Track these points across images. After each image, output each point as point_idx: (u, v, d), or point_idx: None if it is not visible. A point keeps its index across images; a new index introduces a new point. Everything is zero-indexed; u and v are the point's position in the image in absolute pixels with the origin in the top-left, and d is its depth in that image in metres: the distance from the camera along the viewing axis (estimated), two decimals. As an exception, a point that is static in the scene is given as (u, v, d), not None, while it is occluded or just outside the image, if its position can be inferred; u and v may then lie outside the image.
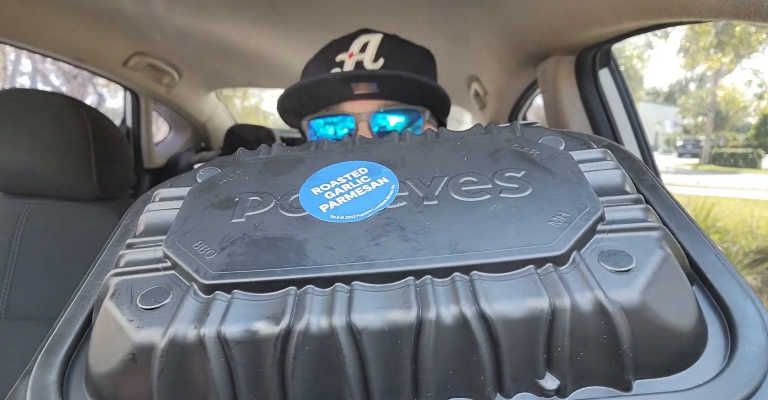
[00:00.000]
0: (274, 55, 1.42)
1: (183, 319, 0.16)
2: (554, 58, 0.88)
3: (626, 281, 0.15)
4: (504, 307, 0.15)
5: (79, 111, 0.81)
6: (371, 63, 0.44)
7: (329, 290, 0.16)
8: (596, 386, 0.15)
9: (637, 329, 0.14)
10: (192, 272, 0.17)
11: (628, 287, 0.14)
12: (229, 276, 0.17)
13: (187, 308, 0.16)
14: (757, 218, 3.86)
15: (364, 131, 0.44)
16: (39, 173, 0.79)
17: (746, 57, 9.60)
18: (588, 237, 0.16)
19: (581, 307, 0.14)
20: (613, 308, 0.14)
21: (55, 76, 6.73)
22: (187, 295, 0.17)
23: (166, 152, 1.87)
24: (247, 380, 0.16)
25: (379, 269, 0.16)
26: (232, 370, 0.15)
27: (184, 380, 0.16)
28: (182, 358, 0.16)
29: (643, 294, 0.14)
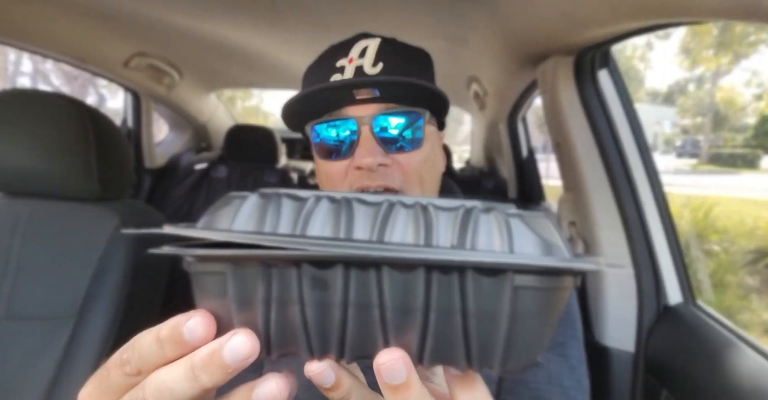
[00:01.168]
0: (275, 55, 1.42)
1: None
2: (553, 58, 0.89)
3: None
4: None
5: (79, 111, 0.81)
6: (371, 67, 0.45)
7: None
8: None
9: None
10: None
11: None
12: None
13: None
14: (755, 218, 3.87)
15: (366, 134, 0.45)
16: (40, 173, 0.79)
17: (745, 57, 9.63)
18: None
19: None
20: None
21: (55, 76, 6.73)
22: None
23: (167, 152, 1.88)
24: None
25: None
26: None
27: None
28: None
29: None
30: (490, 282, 0.17)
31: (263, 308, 0.19)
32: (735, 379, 0.60)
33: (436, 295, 0.18)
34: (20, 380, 0.77)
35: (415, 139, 0.46)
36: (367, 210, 0.19)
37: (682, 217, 3.47)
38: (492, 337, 0.18)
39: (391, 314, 0.18)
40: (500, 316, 0.17)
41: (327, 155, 0.48)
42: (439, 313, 0.18)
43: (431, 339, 0.18)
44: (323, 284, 0.18)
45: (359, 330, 0.18)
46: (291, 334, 0.19)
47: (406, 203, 0.19)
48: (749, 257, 3.16)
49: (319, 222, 0.18)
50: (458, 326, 0.18)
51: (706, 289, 2.68)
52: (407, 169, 0.46)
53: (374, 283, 0.18)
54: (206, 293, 0.19)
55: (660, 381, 0.76)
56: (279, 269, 0.18)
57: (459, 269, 0.17)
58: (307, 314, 0.18)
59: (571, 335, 0.49)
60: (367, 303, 0.18)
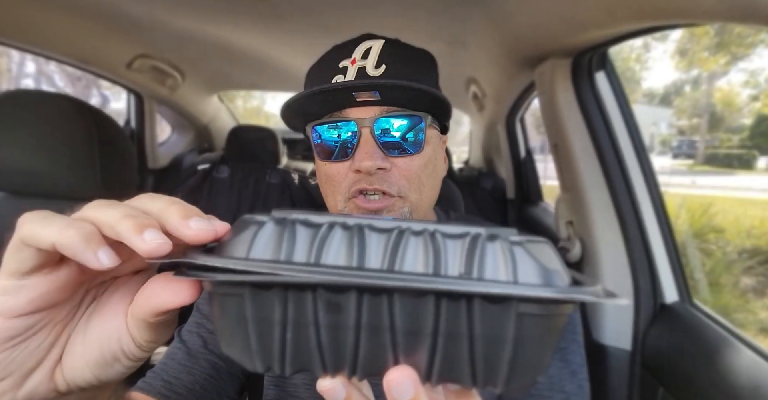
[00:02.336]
0: (276, 57, 1.43)
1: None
2: (551, 60, 0.90)
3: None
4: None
5: (83, 112, 0.82)
6: (373, 69, 0.44)
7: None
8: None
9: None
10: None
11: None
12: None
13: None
14: (751, 218, 3.89)
15: (367, 136, 0.45)
16: (43, 173, 0.79)
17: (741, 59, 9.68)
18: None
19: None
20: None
21: (59, 77, 6.72)
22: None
23: (170, 153, 1.88)
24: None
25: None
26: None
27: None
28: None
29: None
30: (496, 309, 0.18)
31: (279, 329, 0.20)
32: (731, 376, 0.61)
33: (444, 320, 0.19)
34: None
35: (416, 142, 0.46)
36: (378, 237, 0.20)
37: (678, 217, 3.49)
38: (497, 359, 0.19)
39: (402, 337, 0.19)
40: (505, 340, 0.19)
41: (327, 156, 0.48)
42: (448, 337, 0.19)
43: (439, 360, 0.19)
44: (337, 308, 0.19)
45: (371, 351, 0.19)
46: (306, 353, 0.20)
47: (415, 230, 0.20)
48: (745, 256, 3.18)
49: (333, 250, 0.19)
50: (465, 349, 0.19)
51: (702, 288, 2.69)
52: (407, 173, 0.46)
53: (386, 308, 0.19)
54: (225, 313, 0.20)
55: (657, 379, 0.76)
56: (295, 293, 0.19)
57: (467, 296, 0.18)
58: (321, 335, 0.19)
59: (572, 339, 0.49)
60: (379, 326, 0.19)
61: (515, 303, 0.18)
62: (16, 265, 0.19)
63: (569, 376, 0.46)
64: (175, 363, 0.47)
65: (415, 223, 0.20)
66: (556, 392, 0.45)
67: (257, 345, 0.20)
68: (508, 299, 0.18)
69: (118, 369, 0.23)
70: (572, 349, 0.48)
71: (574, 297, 0.18)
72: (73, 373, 0.22)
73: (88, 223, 0.19)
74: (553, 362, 0.47)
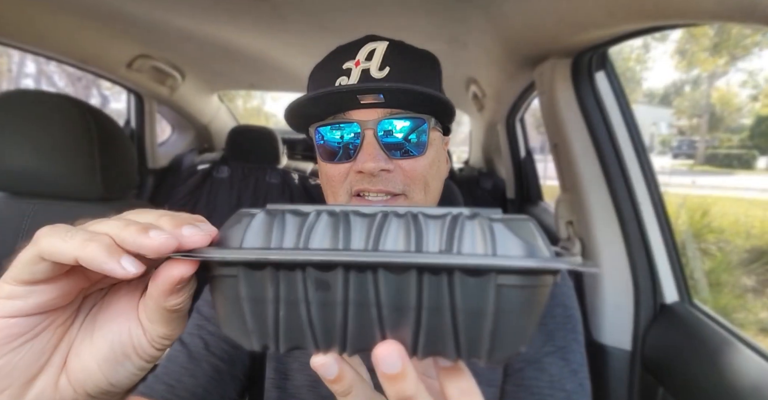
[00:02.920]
0: (276, 58, 1.43)
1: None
2: (551, 60, 0.90)
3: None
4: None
5: (83, 112, 0.82)
6: (377, 71, 0.44)
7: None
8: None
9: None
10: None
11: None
12: None
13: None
14: (751, 218, 3.90)
15: (370, 138, 0.45)
16: (43, 174, 0.79)
17: (741, 59, 9.68)
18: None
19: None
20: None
21: (59, 77, 6.73)
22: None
23: (170, 153, 1.88)
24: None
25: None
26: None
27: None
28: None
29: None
30: (475, 282, 0.19)
31: (273, 307, 0.21)
32: (731, 376, 0.61)
33: (427, 294, 0.19)
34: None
35: (419, 143, 0.46)
36: (363, 221, 0.20)
37: (678, 216, 3.49)
38: (479, 331, 0.20)
39: (387, 311, 0.20)
40: (486, 312, 0.19)
41: (330, 158, 0.47)
42: (431, 310, 0.20)
43: (424, 334, 0.20)
44: (326, 285, 0.20)
45: (359, 326, 0.20)
46: (298, 330, 0.21)
47: (398, 213, 0.21)
48: (745, 256, 3.18)
49: (320, 234, 0.20)
50: (448, 322, 0.20)
51: (702, 288, 2.69)
52: (411, 174, 0.46)
53: (371, 284, 0.20)
54: (222, 294, 0.21)
55: (657, 379, 0.76)
56: (286, 272, 0.20)
57: (447, 270, 0.19)
58: (312, 312, 0.20)
59: (572, 338, 0.49)
60: (366, 302, 0.20)
61: (494, 275, 0.19)
62: (28, 275, 0.20)
63: (570, 375, 0.47)
64: (176, 366, 0.47)
65: (399, 207, 0.21)
66: (557, 390, 0.45)
67: (253, 324, 0.21)
68: (487, 272, 0.19)
69: (129, 369, 0.23)
70: (573, 348, 0.48)
71: (548, 265, 0.18)
72: (82, 375, 0.22)
73: (104, 235, 0.20)
74: (554, 361, 0.47)
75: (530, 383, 0.46)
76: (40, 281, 0.20)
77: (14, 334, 0.20)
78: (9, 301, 0.20)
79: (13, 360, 0.21)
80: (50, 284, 0.21)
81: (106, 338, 0.23)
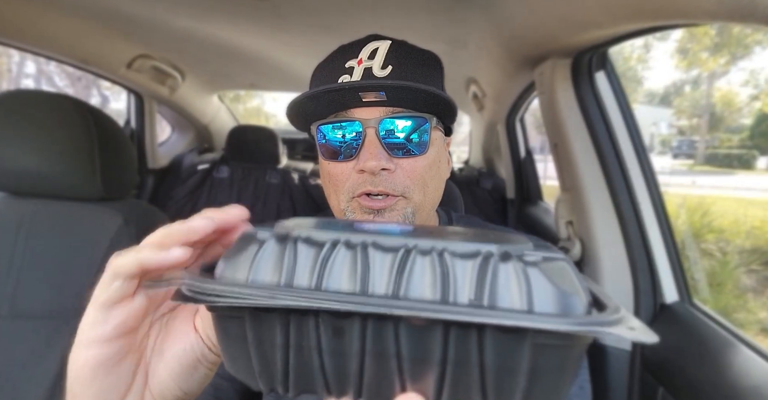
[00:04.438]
0: (276, 57, 1.43)
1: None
2: (551, 60, 0.90)
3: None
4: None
5: (83, 112, 0.82)
6: (379, 70, 0.44)
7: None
8: None
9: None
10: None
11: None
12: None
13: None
14: (751, 218, 3.90)
15: (371, 137, 0.45)
16: (43, 174, 0.79)
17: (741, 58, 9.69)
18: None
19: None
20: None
21: (59, 78, 6.74)
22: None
23: (170, 153, 1.88)
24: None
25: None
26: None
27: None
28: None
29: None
30: (508, 339, 0.17)
31: (282, 352, 0.19)
32: (731, 376, 0.61)
33: (453, 349, 0.18)
34: (24, 378, 0.77)
35: (421, 143, 0.46)
36: (383, 258, 0.19)
37: (678, 216, 3.49)
38: (510, 391, 0.18)
39: (408, 364, 0.18)
40: (519, 371, 0.17)
41: (331, 156, 0.47)
42: (457, 366, 0.18)
43: (448, 388, 0.18)
44: (340, 333, 0.18)
45: (376, 376, 0.19)
46: (309, 376, 0.19)
47: (423, 249, 0.19)
48: (745, 256, 3.18)
49: (336, 272, 0.18)
50: (476, 379, 0.18)
51: (702, 288, 2.69)
52: (412, 174, 0.46)
53: (391, 335, 0.18)
54: (226, 333, 0.20)
55: (657, 379, 0.76)
56: (297, 317, 0.19)
57: (478, 326, 0.17)
58: (324, 360, 0.19)
59: None
60: (384, 353, 0.18)
61: (530, 334, 0.17)
62: (106, 295, 0.23)
63: None
64: None
65: (422, 240, 0.19)
66: None
67: (259, 367, 0.20)
68: (523, 331, 0.17)
69: (199, 376, 0.27)
70: None
71: (593, 330, 0.16)
72: (161, 388, 0.26)
73: (153, 236, 0.24)
74: None
75: None
76: (115, 301, 0.24)
77: (104, 360, 0.24)
78: (94, 326, 0.24)
79: (106, 383, 0.24)
80: (122, 306, 0.24)
81: (174, 357, 0.27)
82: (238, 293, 0.18)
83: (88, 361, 0.24)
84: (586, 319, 0.16)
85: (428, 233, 0.21)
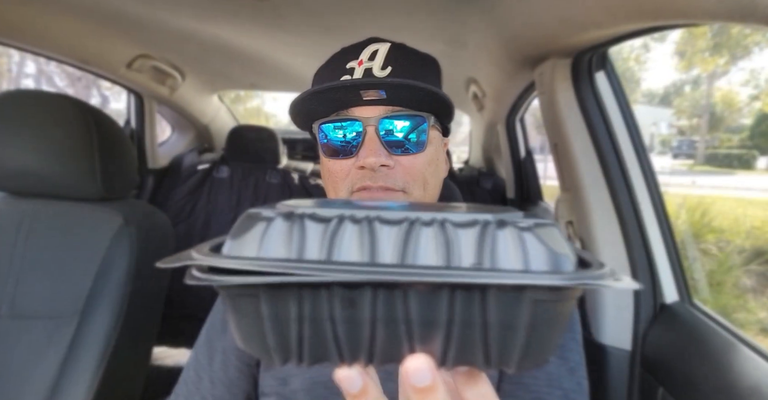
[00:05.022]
0: (276, 58, 1.43)
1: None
2: (551, 60, 0.90)
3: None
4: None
5: (83, 112, 0.82)
6: (379, 70, 0.46)
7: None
8: None
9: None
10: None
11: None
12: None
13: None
14: (751, 218, 3.90)
15: (371, 135, 0.46)
16: (43, 174, 0.79)
17: (741, 59, 9.69)
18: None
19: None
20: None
21: (59, 78, 6.75)
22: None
23: (170, 153, 1.88)
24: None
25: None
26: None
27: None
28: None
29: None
30: (509, 298, 0.19)
31: (296, 326, 0.20)
32: (731, 377, 0.61)
33: (459, 310, 0.19)
34: (24, 377, 0.77)
35: (419, 142, 0.47)
36: (389, 230, 0.20)
37: (678, 216, 3.49)
38: (510, 344, 0.19)
39: (417, 327, 0.19)
40: (518, 326, 0.19)
41: (332, 154, 0.49)
42: (462, 324, 0.19)
43: (454, 347, 0.20)
44: (352, 304, 0.19)
45: (387, 341, 0.20)
46: (323, 346, 0.20)
47: (424, 221, 0.20)
48: (745, 256, 3.18)
49: (345, 245, 0.19)
50: (479, 336, 0.19)
51: (702, 288, 2.69)
52: (411, 171, 0.47)
53: (400, 302, 0.19)
54: (239, 311, 0.21)
55: (657, 379, 0.76)
56: (310, 291, 0.19)
57: (481, 287, 0.19)
58: (338, 330, 0.20)
59: (570, 337, 0.49)
60: (394, 319, 0.19)
61: (529, 291, 0.18)
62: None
63: (568, 373, 0.47)
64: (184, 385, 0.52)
65: (423, 212, 0.20)
66: (555, 388, 0.46)
67: (274, 342, 0.20)
68: (522, 288, 0.18)
69: None
70: (570, 346, 0.49)
71: (586, 283, 0.18)
72: None
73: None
74: (552, 359, 0.47)
75: (528, 381, 0.46)
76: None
77: None
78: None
79: None
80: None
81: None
82: (251, 264, 0.18)
83: None
84: (577, 274, 0.18)
85: (426, 207, 0.23)
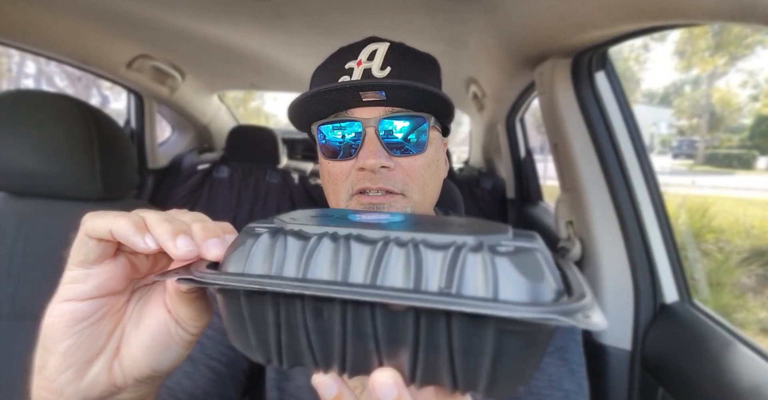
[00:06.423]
0: (276, 58, 1.43)
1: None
2: (551, 60, 0.90)
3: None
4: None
5: (83, 112, 0.82)
6: (379, 71, 0.45)
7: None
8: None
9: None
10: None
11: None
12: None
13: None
14: (751, 218, 3.90)
15: (371, 136, 0.45)
16: (44, 174, 0.79)
17: (741, 59, 9.69)
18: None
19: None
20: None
21: (59, 78, 6.75)
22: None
23: (170, 153, 1.88)
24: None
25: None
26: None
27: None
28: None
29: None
30: (474, 325, 0.18)
31: (274, 329, 0.22)
32: (731, 376, 0.61)
33: (424, 333, 0.19)
34: (24, 378, 0.77)
35: (419, 143, 0.46)
36: (363, 249, 0.20)
37: (678, 216, 3.49)
38: (476, 370, 0.19)
39: (384, 344, 0.20)
40: (484, 354, 0.19)
41: (332, 155, 0.48)
42: (427, 347, 0.20)
43: (421, 367, 0.20)
44: (323, 315, 0.21)
45: (357, 354, 0.21)
46: (299, 352, 0.22)
47: (401, 241, 0.20)
48: (745, 256, 3.18)
49: (320, 262, 0.21)
50: (445, 359, 0.20)
51: (702, 288, 2.69)
52: (410, 172, 0.46)
53: (368, 318, 0.20)
54: (227, 309, 0.23)
55: (657, 379, 0.76)
56: (285, 299, 0.21)
57: (446, 312, 0.19)
58: (311, 337, 0.21)
59: (571, 338, 0.49)
60: (363, 334, 0.20)
61: (493, 320, 0.18)
62: (82, 256, 0.24)
63: (568, 374, 0.47)
64: (175, 369, 0.48)
65: (403, 232, 0.21)
66: (556, 390, 0.45)
67: (256, 342, 0.22)
68: (484, 317, 0.18)
69: (170, 356, 0.27)
70: (571, 348, 0.49)
71: (548, 317, 0.17)
72: (130, 361, 0.26)
73: (137, 215, 0.23)
74: (553, 361, 0.47)
75: (529, 382, 0.46)
76: (93, 261, 0.24)
77: (79, 317, 0.24)
78: (73, 285, 0.24)
79: (78, 341, 0.24)
80: (102, 265, 0.24)
81: (147, 329, 0.26)
82: (234, 280, 0.20)
83: (63, 316, 0.24)
84: (545, 308, 0.17)
85: (416, 224, 0.23)
